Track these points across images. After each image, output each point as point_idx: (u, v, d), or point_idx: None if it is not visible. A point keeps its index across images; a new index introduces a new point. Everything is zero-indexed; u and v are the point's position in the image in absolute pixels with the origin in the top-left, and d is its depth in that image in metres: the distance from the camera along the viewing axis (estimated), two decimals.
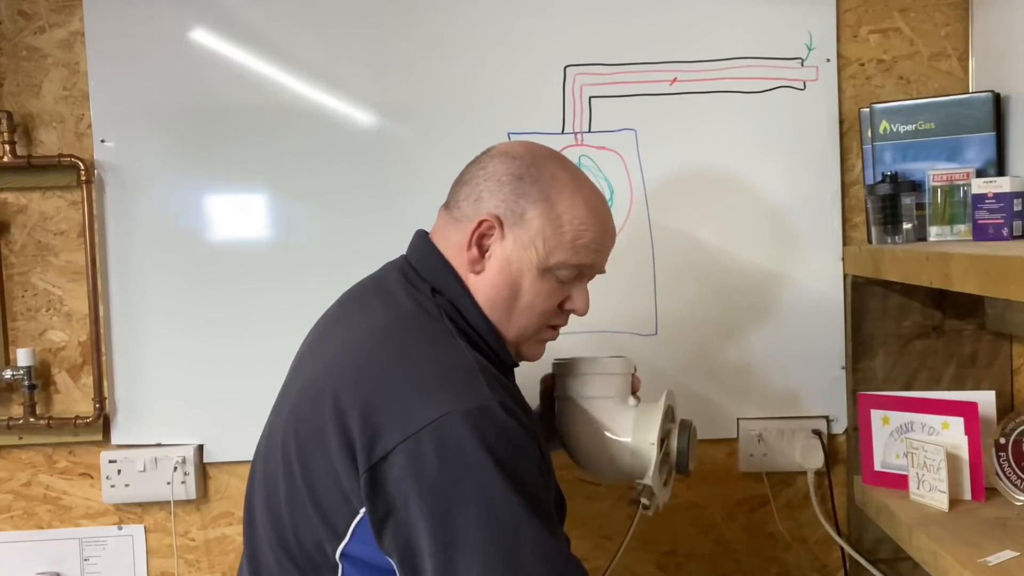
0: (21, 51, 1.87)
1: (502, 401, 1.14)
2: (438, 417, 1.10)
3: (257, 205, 1.88)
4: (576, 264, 1.30)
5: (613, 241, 1.37)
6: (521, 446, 1.14)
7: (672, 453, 1.41)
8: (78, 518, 1.91)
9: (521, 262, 1.28)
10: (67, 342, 1.90)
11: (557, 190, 1.29)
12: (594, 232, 1.31)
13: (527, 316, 1.31)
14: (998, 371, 1.82)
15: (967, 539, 1.44)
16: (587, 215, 1.30)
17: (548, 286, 1.30)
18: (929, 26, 1.86)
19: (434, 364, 1.18)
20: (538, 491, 1.14)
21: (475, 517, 1.08)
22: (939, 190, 1.70)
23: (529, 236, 1.28)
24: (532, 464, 1.15)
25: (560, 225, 1.28)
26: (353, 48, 1.85)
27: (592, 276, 1.37)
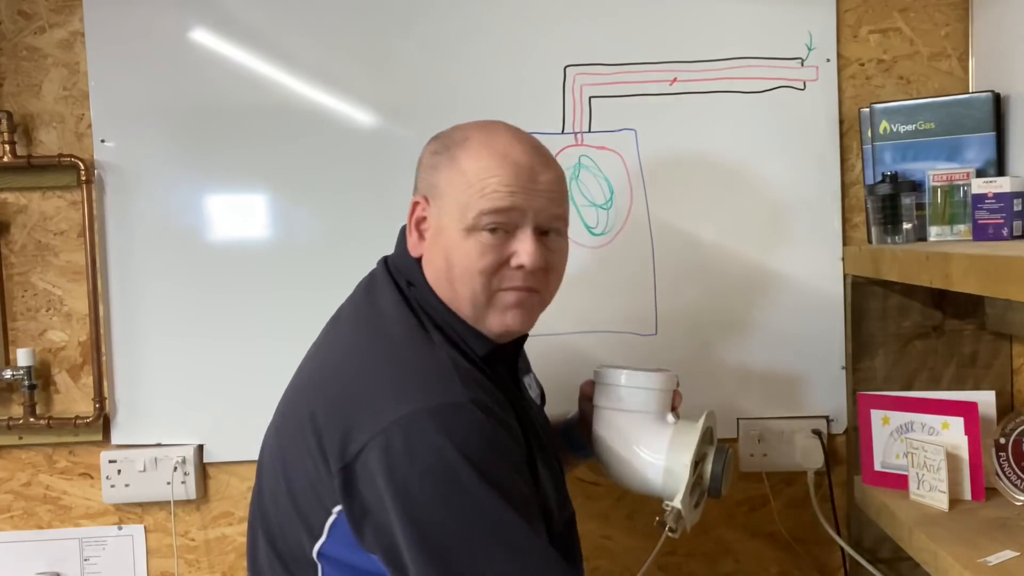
0: (21, 51, 1.87)
1: (475, 398, 1.15)
2: (406, 414, 1.11)
3: (257, 205, 1.88)
4: (492, 210, 1.24)
5: (539, 179, 1.27)
6: (494, 443, 1.14)
7: (705, 477, 1.36)
8: (78, 518, 1.91)
9: (447, 229, 1.27)
10: (67, 342, 1.90)
11: (464, 149, 1.29)
12: (503, 175, 1.25)
13: (468, 282, 1.26)
14: (998, 371, 1.82)
15: (967, 539, 1.44)
16: (493, 161, 1.26)
17: (478, 244, 1.25)
18: (929, 26, 1.86)
19: (404, 366, 1.20)
20: (513, 487, 1.14)
21: (445, 516, 1.09)
22: (939, 190, 1.69)
23: (446, 203, 1.28)
24: (505, 461, 1.15)
25: (468, 180, 1.26)
26: (353, 48, 1.85)
27: (532, 224, 1.27)
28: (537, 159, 1.29)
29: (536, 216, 1.27)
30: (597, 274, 1.86)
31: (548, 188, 1.28)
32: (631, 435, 1.37)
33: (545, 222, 1.29)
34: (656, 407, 1.39)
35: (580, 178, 1.85)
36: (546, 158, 1.31)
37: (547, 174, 1.29)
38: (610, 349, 1.84)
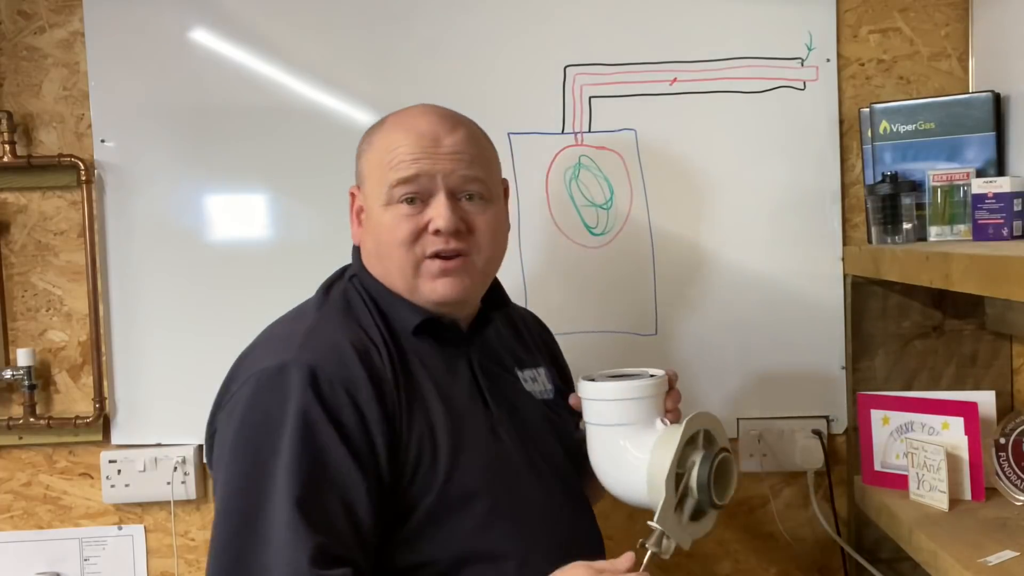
0: (21, 51, 1.87)
1: (311, 362, 1.19)
2: (246, 379, 1.23)
3: (257, 205, 1.88)
4: (399, 180, 1.27)
5: (443, 143, 1.29)
6: (301, 409, 1.17)
7: (693, 487, 1.21)
8: (78, 518, 1.91)
9: (372, 210, 1.32)
10: (67, 342, 1.90)
11: (377, 131, 1.35)
12: (408, 144, 1.28)
13: (393, 253, 1.29)
14: (998, 371, 1.82)
15: (967, 539, 1.44)
16: (398, 133, 1.30)
17: (395, 214, 1.28)
18: (929, 26, 1.86)
19: (269, 338, 1.31)
20: (302, 458, 1.15)
21: (222, 478, 1.21)
22: (939, 190, 1.69)
23: (369, 185, 1.33)
24: (304, 430, 1.16)
25: (380, 157, 1.31)
26: (353, 48, 1.85)
27: (443, 188, 1.28)
28: (442, 124, 1.31)
29: (446, 179, 1.29)
30: (597, 274, 1.86)
31: (454, 150, 1.29)
32: (614, 450, 1.27)
33: (457, 185, 1.30)
34: (638, 417, 1.27)
35: (580, 178, 1.85)
36: (453, 122, 1.33)
37: (452, 136, 1.30)
38: (610, 349, 1.84)
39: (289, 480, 1.14)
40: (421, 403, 1.26)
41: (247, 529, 1.14)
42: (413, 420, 1.24)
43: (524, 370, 1.44)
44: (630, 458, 1.24)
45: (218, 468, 1.23)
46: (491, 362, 1.38)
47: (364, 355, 1.23)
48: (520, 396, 1.39)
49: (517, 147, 1.85)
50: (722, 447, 1.25)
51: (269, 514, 1.13)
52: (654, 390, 1.28)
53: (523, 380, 1.42)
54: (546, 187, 1.86)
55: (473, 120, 1.38)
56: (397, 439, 1.22)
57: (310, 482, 1.15)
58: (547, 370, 1.49)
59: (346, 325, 1.28)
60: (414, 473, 1.22)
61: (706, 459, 1.21)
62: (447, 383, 1.30)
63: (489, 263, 1.36)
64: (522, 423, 1.35)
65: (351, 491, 1.16)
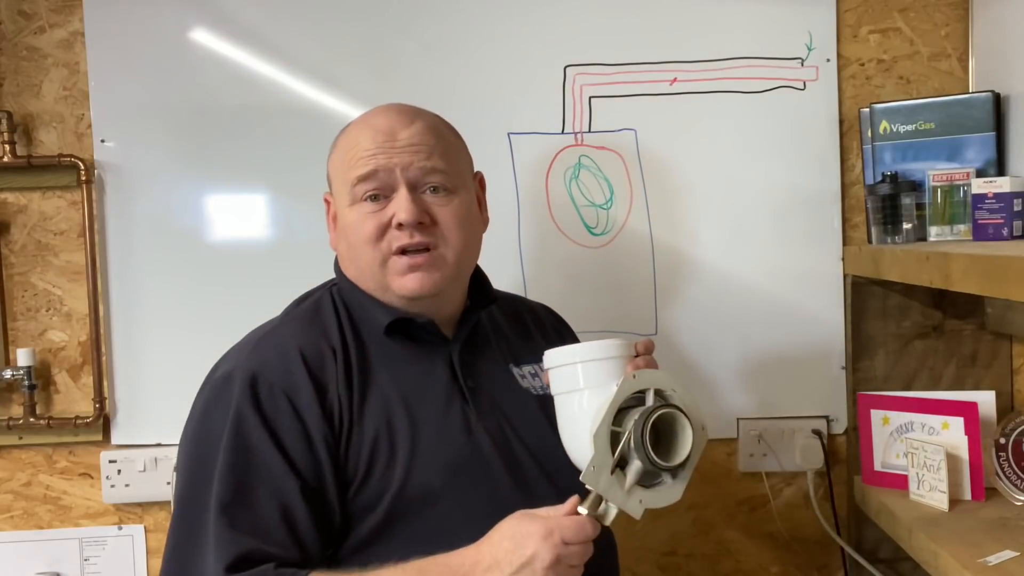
0: (21, 51, 1.87)
1: (253, 369, 1.23)
2: (203, 388, 1.28)
3: (257, 205, 1.88)
4: (359, 178, 1.28)
5: (399, 136, 1.29)
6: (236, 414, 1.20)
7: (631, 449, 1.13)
8: (78, 518, 1.91)
9: (340, 212, 1.34)
10: (67, 342, 1.90)
11: (341, 135, 1.37)
12: (365, 140, 1.29)
13: (362, 251, 1.30)
14: (998, 371, 1.82)
15: (967, 539, 1.44)
16: (358, 132, 1.32)
17: (360, 212, 1.29)
18: (929, 26, 1.86)
19: (232, 347, 1.33)
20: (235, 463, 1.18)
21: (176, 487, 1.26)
22: (939, 190, 1.69)
23: (335, 187, 1.35)
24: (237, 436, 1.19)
25: (343, 159, 1.32)
26: (353, 48, 1.85)
27: (403, 181, 1.28)
28: (399, 119, 1.31)
29: (404, 172, 1.28)
30: (597, 274, 1.86)
31: (410, 143, 1.29)
32: (569, 415, 1.22)
33: (416, 177, 1.29)
34: (595, 381, 1.20)
35: (580, 178, 1.85)
36: (410, 115, 1.33)
37: (408, 129, 1.30)
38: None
39: (220, 486, 1.18)
40: (378, 405, 1.26)
41: (191, 538, 1.19)
42: (365, 423, 1.25)
43: (522, 366, 1.42)
44: (582, 419, 1.18)
45: (176, 479, 1.29)
46: (477, 360, 1.37)
47: (313, 361, 1.25)
48: (510, 393, 1.37)
49: (517, 147, 1.85)
50: (668, 403, 1.16)
51: (206, 522, 1.17)
52: (609, 351, 1.21)
53: (520, 376, 1.40)
54: (546, 187, 1.86)
55: (437, 114, 1.38)
56: (343, 442, 1.23)
57: (240, 486, 1.18)
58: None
59: (304, 332, 1.30)
60: (367, 474, 1.23)
61: (643, 413, 1.13)
62: (417, 384, 1.30)
63: (461, 255, 1.33)
64: (508, 421, 1.33)
65: (285, 493, 1.18)
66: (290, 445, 1.20)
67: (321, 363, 1.25)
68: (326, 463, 1.21)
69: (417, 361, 1.32)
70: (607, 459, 1.13)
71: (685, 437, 1.15)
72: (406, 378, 1.30)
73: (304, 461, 1.20)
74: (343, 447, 1.23)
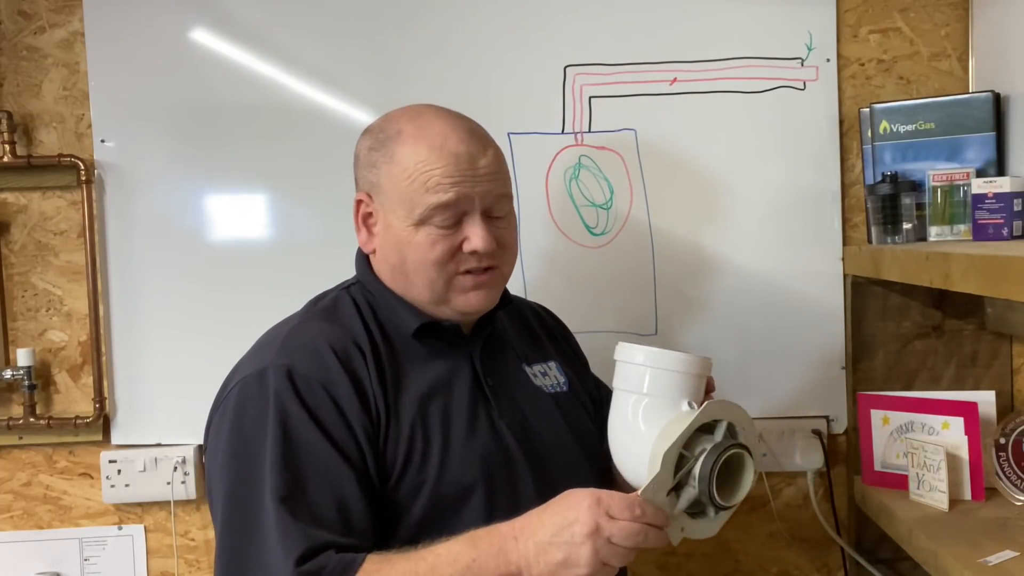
0: (21, 51, 1.87)
1: (287, 364, 1.22)
2: (231, 389, 1.26)
3: (257, 205, 1.88)
4: (439, 205, 1.27)
5: (479, 165, 1.29)
6: (280, 409, 1.20)
7: (694, 476, 1.14)
8: (78, 518, 1.91)
9: (396, 225, 1.30)
10: (67, 342, 1.90)
11: (399, 144, 1.31)
12: (443, 167, 1.27)
13: (424, 273, 1.30)
14: (998, 371, 1.81)
15: (967, 539, 1.44)
16: (429, 154, 1.28)
17: (430, 236, 1.28)
18: (929, 26, 1.86)
19: (254, 347, 1.33)
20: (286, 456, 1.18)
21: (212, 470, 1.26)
22: (939, 190, 1.69)
23: (390, 199, 1.31)
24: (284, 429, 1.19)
25: (408, 175, 1.28)
26: (353, 48, 1.85)
27: (479, 209, 1.29)
28: (474, 145, 1.31)
29: (482, 201, 1.29)
30: (597, 274, 1.86)
31: (488, 171, 1.30)
32: (629, 417, 1.21)
33: (491, 205, 1.31)
34: (663, 390, 1.19)
35: (580, 178, 1.85)
36: (483, 141, 1.33)
37: (485, 157, 1.31)
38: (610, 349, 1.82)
39: (274, 481, 1.16)
40: (411, 402, 1.27)
41: (247, 537, 1.17)
42: (402, 418, 1.25)
43: (532, 365, 1.43)
44: (642, 428, 1.19)
45: (214, 480, 1.25)
46: (495, 359, 1.38)
47: (343, 356, 1.25)
48: (526, 391, 1.39)
49: (517, 147, 1.84)
50: (740, 443, 1.17)
51: (262, 519, 1.16)
52: (687, 367, 1.20)
53: (532, 375, 1.42)
54: (546, 187, 1.86)
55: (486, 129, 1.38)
56: (382, 436, 1.23)
57: (295, 479, 1.17)
58: (559, 363, 1.48)
59: (327, 328, 1.30)
60: (404, 469, 1.23)
61: (716, 448, 1.14)
62: (447, 381, 1.31)
63: (512, 270, 1.39)
64: (527, 419, 1.35)
65: (339, 484, 1.19)
66: (337, 436, 1.20)
67: (351, 359, 1.26)
68: (369, 454, 1.22)
69: (442, 360, 1.33)
70: (668, 480, 1.13)
71: (745, 479, 1.19)
72: (434, 376, 1.31)
73: (352, 450, 1.21)
74: (381, 441, 1.24)
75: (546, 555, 1.10)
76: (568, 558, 1.09)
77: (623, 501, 1.10)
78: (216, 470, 1.24)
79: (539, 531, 1.11)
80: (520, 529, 1.13)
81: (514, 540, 1.12)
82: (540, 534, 1.11)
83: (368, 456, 1.22)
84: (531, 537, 1.11)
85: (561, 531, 1.10)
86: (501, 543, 1.12)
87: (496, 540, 1.13)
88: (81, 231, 1.87)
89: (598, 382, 1.53)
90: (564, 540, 1.09)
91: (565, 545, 1.09)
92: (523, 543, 1.11)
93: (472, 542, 1.14)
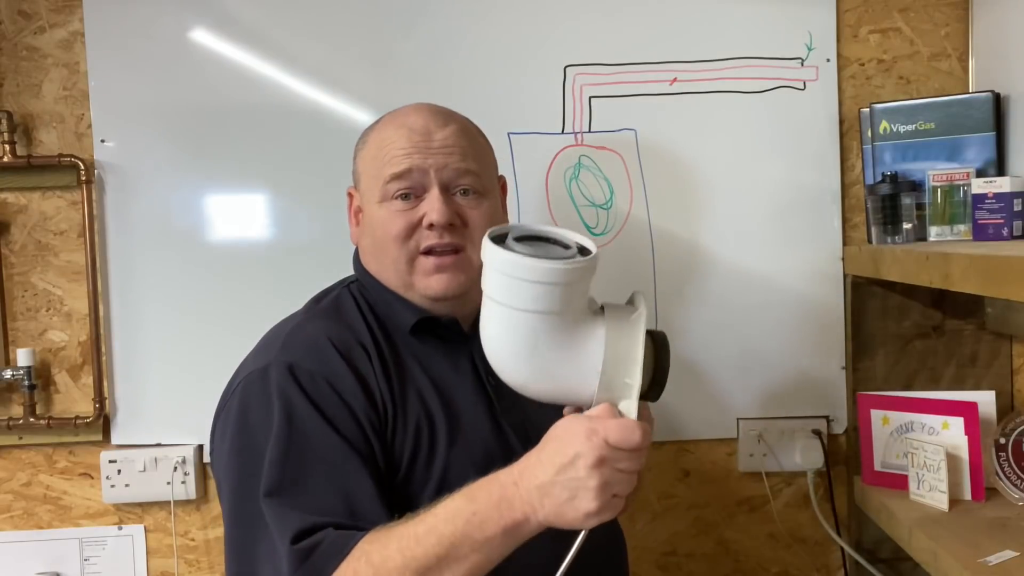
0: (21, 51, 1.86)
1: (290, 360, 1.22)
2: (236, 387, 1.26)
3: (257, 205, 1.87)
4: (392, 176, 1.28)
5: (435, 137, 1.29)
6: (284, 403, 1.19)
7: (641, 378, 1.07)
8: (78, 518, 1.90)
9: (368, 208, 1.34)
10: (67, 342, 1.89)
11: (372, 130, 1.36)
12: (399, 139, 1.29)
13: (388, 250, 1.30)
14: (998, 371, 1.81)
15: (967, 539, 1.43)
16: (392, 130, 1.31)
17: (389, 212, 1.29)
18: (929, 26, 1.85)
19: (258, 345, 1.34)
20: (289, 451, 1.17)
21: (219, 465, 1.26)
22: (939, 190, 1.68)
23: (364, 183, 1.35)
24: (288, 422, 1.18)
25: (374, 154, 1.32)
26: (353, 48, 1.84)
27: (436, 182, 1.28)
28: (434, 119, 1.31)
29: (439, 173, 1.29)
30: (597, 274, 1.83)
31: (445, 143, 1.30)
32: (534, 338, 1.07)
33: (450, 179, 1.30)
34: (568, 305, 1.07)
35: (580, 178, 1.85)
36: (445, 117, 1.33)
37: (443, 131, 1.30)
38: None
39: (276, 475, 1.16)
40: (416, 398, 1.26)
41: (252, 529, 1.17)
42: (408, 414, 1.25)
43: None
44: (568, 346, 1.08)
45: (221, 477, 1.26)
46: None
47: (346, 352, 1.25)
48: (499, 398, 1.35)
49: (517, 147, 1.84)
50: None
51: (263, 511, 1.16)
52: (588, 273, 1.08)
53: None
54: (546, 187, 1.85)
55: (468, 117, 1.38)
56: (388, 432, 1.23)
57: (299, 472, 1.16)
58: None
59: (330, 326, 1.29)
60: (410, 466, 1.23)
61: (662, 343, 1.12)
62: (448, 378, 1.31)
63: None
64: (528, 418, 1.33)
65: (347, 474, 1.17)
66: (344, 427, 1.19)
67: (355, 355, 1.25)
68: (377, 446, 1.21)
69: (443, 357, 1.32)
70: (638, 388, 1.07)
71: None
72: (437, 373, 1.30)
73: (360, 440, 1.20)
74: (388, 437, 1.23)
75: (551, 496, 1.05)
76: (575, 494, 1.04)
77: (620, 427, 1.04)
78: (222, 467, 1.25)
79: (539, 472, 1.06)
80: (520, 474, 1.09)
81: (515, 486, 1.08)
82: (541, 475, 1.06)
83: (376, 448, 1.21)
84: (532, 480, 1.07)
85: (564, 469, 1.05)
86: (501, 492, 1.08)
87: (496, 490, 1.09)
88: (81, 231, 1.86)
89: None
90: (569, 477, 1.04)
91: (571, 481, 1.04)
92: (524, 488, 1.07)
93: (470, 496, 1.10)
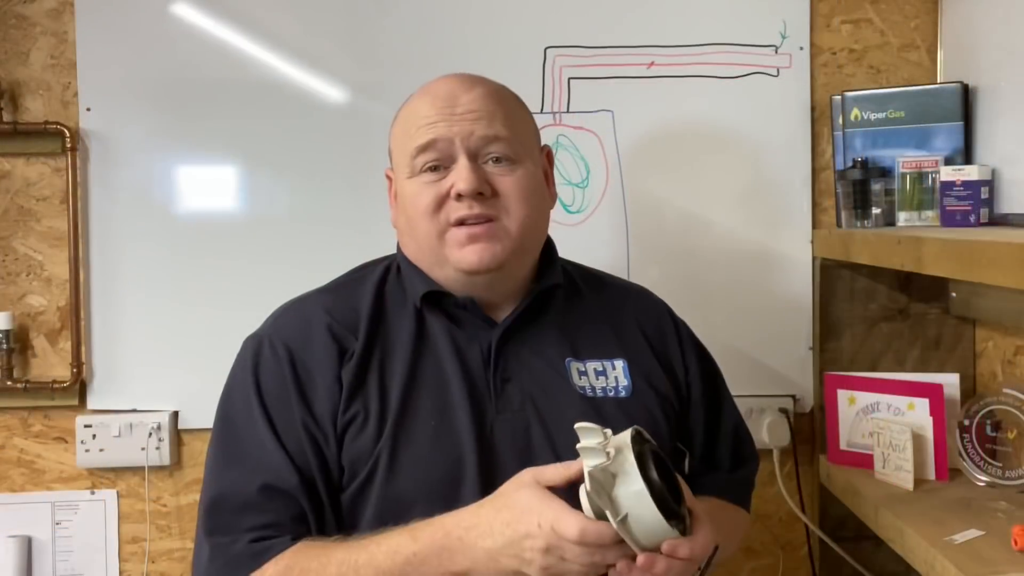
0: (10, 19, 1.73)
1: (270, 335, 1.17)
2: None
3: (236, 178, 1.75)
4: (420, 146, 1.12)
5: (459, 102, 1.13)
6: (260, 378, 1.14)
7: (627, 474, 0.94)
8: (51, 482, 1.76)
9: (400, 185, 1.19)
10: (46, 307, 1.75)
11: (403, 106, 1.21)
12: (424, 108, 1.14)
13: (419, 224, 1.14)
14: (961, 354, 1.71)
15: (933, 517, 1.34)
16: (418, 103, 1.16)
17: (420, 184, 1.14)
18: (899, 18, 1.77)
19: None
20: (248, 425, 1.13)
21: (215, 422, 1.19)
22: (908, 177, 1.61)
23: (396, 161, 1.20)
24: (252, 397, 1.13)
25: (404, 129, 1.17)
26: (332, 26, 1.73)
27: (463, 150, 1.12)
28: (460, 84, 1.15)
29: (465, 142, 1.12)
30: (573, 251, 1.71)
31: (470, 109, 1.13)
32: None
33: (477, 146, 1.13)
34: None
35: (558, 157, 1.73)
36: (472, 81, 1.17)
37: (469, 94, 1.14)
38: None
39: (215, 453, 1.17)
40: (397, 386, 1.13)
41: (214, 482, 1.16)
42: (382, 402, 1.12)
43: (585, 361, 1.20)
44: None
45: None
46: (522, 349, 1.17)
47: (333, 328, 1.15)
48: (553, 391, 1.16)
49: None
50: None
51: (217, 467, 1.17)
52: None
53: (578, 372, 1.19)
54: None
55: (501, 83, 1.21)
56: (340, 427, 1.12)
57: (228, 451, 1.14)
58: (628, 364, 1.22)
59: (334, 303, 1.18)
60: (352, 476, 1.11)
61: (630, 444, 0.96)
62: (433, 373, 1.14)
63: (524, 229, 1.14)
64: (540, 421, 1.14)
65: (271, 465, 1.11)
66: (279, 416, 1.11)
67: (338, 332, 1.15)
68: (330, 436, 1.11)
69: (446, 346, 1.15)
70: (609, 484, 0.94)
71: None
72: (424, 366, 1.14)
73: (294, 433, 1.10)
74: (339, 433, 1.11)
75: (497, 562, 0.96)
76: (521, 565, 0.95)
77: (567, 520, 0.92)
78: None
79: (488, 539, 0.96)
80: (466, 530, 0.98)
81: (459, 541, 0.98)
82: (490, 542, 0.96)
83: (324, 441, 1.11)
84: (479, 540, 0.96)
85: (513, 543, 0.95)
86: (444, 541, 0.98)
87: (440, 538, 0.99)
88: (64, 197, 1.73)
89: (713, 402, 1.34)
90: (515, 552, 0.95)
91: (518, 556, 0.95)
92: (470, 546, 0.97)
93: (413, 535, 1.00)
